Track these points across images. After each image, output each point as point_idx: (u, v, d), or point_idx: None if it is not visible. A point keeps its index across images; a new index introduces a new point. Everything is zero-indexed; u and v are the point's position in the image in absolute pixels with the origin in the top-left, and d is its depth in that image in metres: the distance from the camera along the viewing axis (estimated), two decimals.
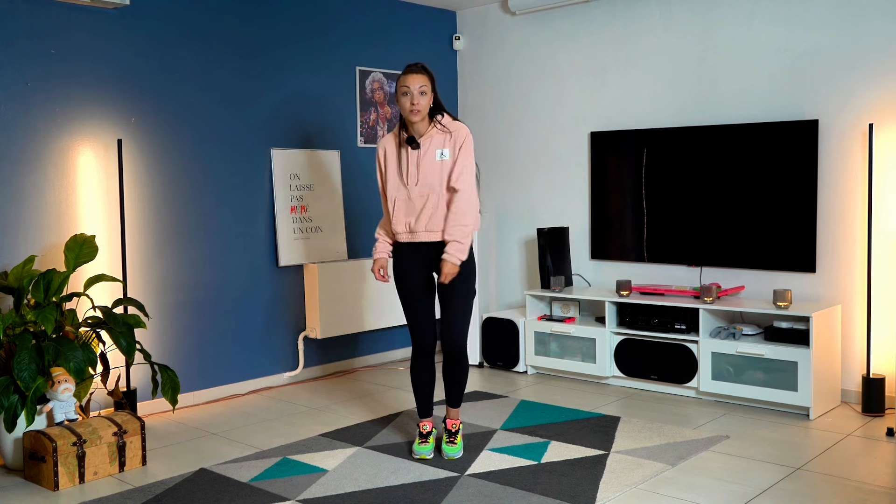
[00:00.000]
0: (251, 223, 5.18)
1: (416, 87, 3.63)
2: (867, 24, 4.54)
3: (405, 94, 3.64)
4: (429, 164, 3.70)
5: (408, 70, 3.69)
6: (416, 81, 3.64)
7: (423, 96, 3.65)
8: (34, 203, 4.28)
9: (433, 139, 3.71)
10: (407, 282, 3.82)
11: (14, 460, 3.82)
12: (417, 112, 3.65)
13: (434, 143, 3.71)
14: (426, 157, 3.71)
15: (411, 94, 3.63)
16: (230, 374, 5.11)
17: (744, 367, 4.59)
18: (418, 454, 3.86)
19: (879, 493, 3.36)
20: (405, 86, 3.64)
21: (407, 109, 3.65)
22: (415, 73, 3.66)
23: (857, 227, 4.63)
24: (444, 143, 3.71)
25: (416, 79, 3.65)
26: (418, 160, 3.71)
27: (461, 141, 3.72)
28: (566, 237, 5.68)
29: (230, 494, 3.46)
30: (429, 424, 3.92)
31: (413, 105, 3.63)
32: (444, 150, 3.71)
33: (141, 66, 4.65)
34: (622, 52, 5.53)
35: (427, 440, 3.90)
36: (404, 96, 3.65)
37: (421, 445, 3.88)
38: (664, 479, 3.53)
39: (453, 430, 3.88)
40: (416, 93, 3.63)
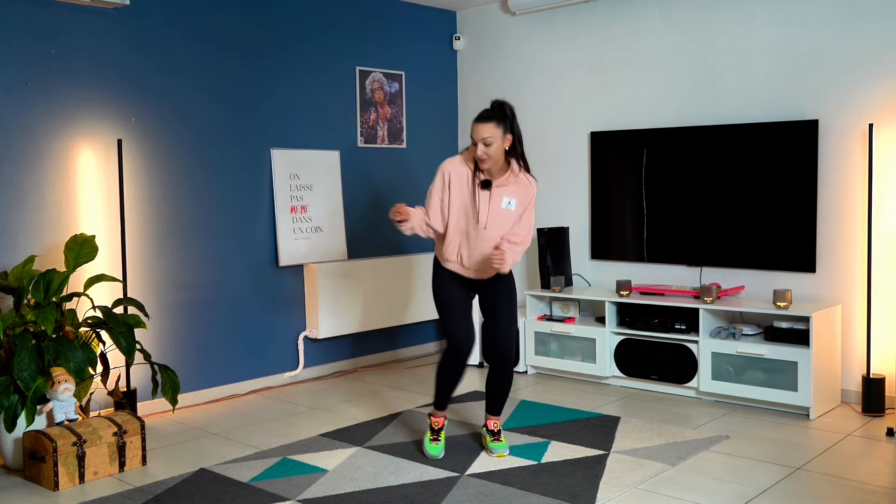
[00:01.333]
0: (251, 223, 5.18)
1: (482, 138, 3.58)
2: (867, 25, 4.54)
3: (475, 143, 3.61)
4: (495, 209, 3.69)
5: (478, 118, 3.63)
6: (482, 133, 3.58)
7: (490, 147, 3.59)
8: (34, 203, 4.28)
9: (506, 186, 3.69)
10: (450, 291, 3.82)
11: (14, 460, 3.82)
12: (485, 161, 3.62)
13: (506, 190, 3.70)
14: (494, 201, 3.69)
15: (479, 144, 3.60)
16: (230, 374, 5.11)
17: (744, 367, 4.59)
18: (431, 455, 3.85)
19: (879, 493, 3.36)
20: (472, 137, 3.61)
21: (477, 155, 3.61)
22: (482, 123, 3.60)
23: (857, 227, 4.63)
24: (514, 191, 3.70)
25: (483, 129, 3.58)
26: (489, 203, 3.68)
27: (530, 197, 3.73)
28: (566, 237, 5.68)
29: (230, 494, 3.46)
30: (441, 421, 3.92)
31: (479, 156, 3.60)
32: (512, 199, 3.70)
33: (141, 66, 4.65)
34: (622, 51, 5.53)
35: (439, 438, 3.90)
36: (474, 145, 3.62)
37: (433, 444, 3.88)
38: (664, 479, 3.53)
39: (496, 430, 3.91)
40: (480, 144, 3.59)
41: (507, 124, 3.63)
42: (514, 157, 3.70)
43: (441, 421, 3.92)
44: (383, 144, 5.95)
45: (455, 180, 3.72)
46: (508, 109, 3.65)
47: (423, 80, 6.19)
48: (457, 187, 3.72)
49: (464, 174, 3.72)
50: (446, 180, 3.73)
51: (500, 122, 3.61)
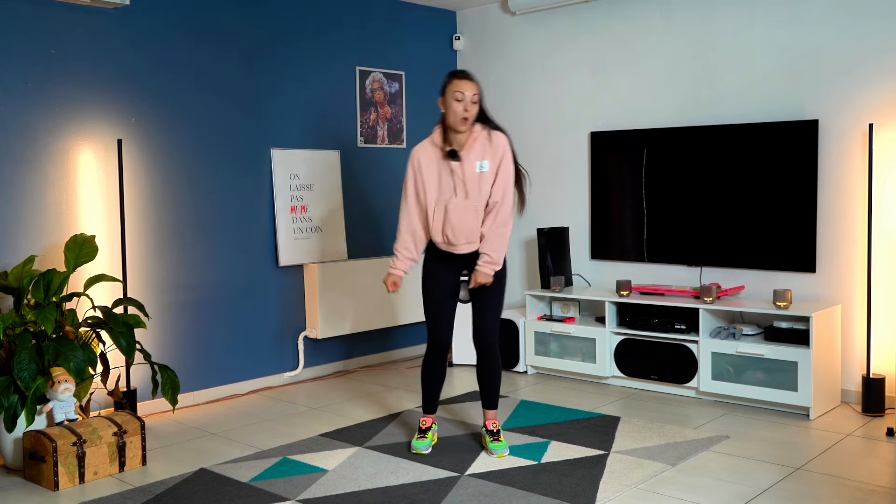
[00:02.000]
0: (251, 223, 5.18)
1: (470, 95, 3.62)
2: (867, 25, 4.54)
3: (459, 100, 3.61)
4: (470, 175, 3.70)
5: (461, 75, 3.67)
6: (470, 89, 3.62)
7: (474, 105, 3.64)
8: (34, 203, 4.28)
9: (473, 150, 3.70)
10: (436, 282, 3.85)
11: (14, 460, 3.82)
12: (467, 121, 3.63)
13: (474, 154, 3.70)
14: (467, 169, 3.69)
15: (465, 101, 3.61)
16: (230, 374, 5.11)
17: (744, 367, 4.59)
18: (415, 449, 3.89)
19: (879, 493, 3.36)
20: (460, 91, 3.60)
21: (460, 116, 3.61)
22: (469, 80, 3.64)
23: (857, 227, 4.63)
24: (483, 153, 3.70)
25: (471, 86, 3.63)
26: (462, 174, 3.69)
27: (501, 152, 3.72)
28: (566, 237, 5.68)
29: (230, 494, 3.46)
30: (429, 420, 3.96)
31: (466, 112, 3.61)
32: (483, 161, 3.70)
33: (141, 66, 4.65)
34: (622, 52, 5.53)
35: (425, 436, 3.93)
36: (458, 102, 3.61)
37: (419, 440, 3.92)
38: (664, 479, 3.53)
39: (495, 430, 3.92)
40: (469, 100, 3.62)
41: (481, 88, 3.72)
42: (480, 120, 3.75)
43: (429, 421, 3.97)
44: (383, 144, 5.95)
45: (425, 161, 3.75)
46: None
47: (423, 80, 6.19)
48: (428, 169, 3.75)
49: (432, 153, 3.76)
50: (416, 165, 3.77)
51: (479, 85, 3.70)
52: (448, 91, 3.65)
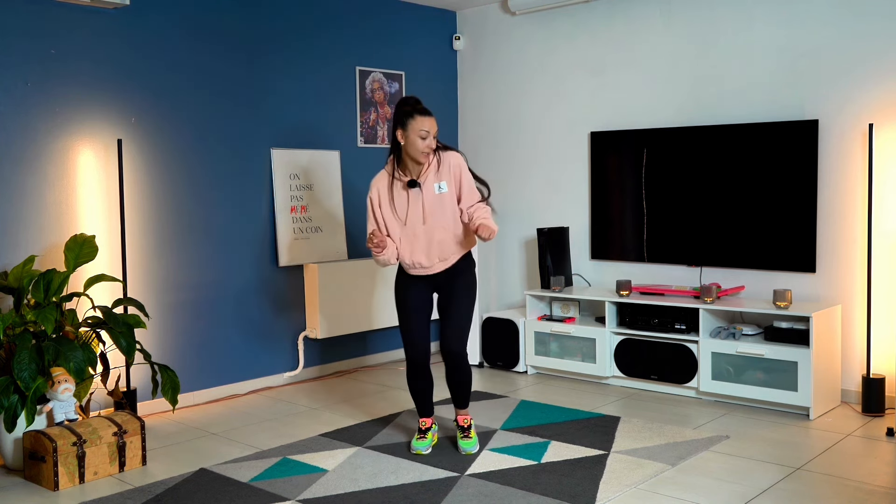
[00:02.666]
0: (251, 223, 5.18)
1: (434, 130, 3.67)
2: (867, 25, 4.54)
3: (423, 138, 3.65)
4: (430, 199, 3.73)
5: (423, 111, 3.69)
6: (433, 126, 3.68)
7: (435, 140, 3.70)
8: (34, 203, 4.28)
9: (428, 175, 3.74)
10: (409, 297, 3.88)
11: (14, 460, 3.82)
12: (429, 154, 3.70)
13: (430, 178, 3.74)
14: (427, 194, 3.73)
15: (429, 139, 3.66)
16: (230, 374, 5.11)
17: (744, 367, 4.59)
18: (415, 449, 3.90)
19: (879, 493, 3.36)
20: (425, 129, 3.65)
21: (422, 152, 3.66)
22: (431, 116, 3.69)
23: (857, 227, 4.63)
24: (439, 176, 3.75)
25: (433, 122, 3.68)
26: (422, 200, 3.73)
27: (456, 169, 3.77)
28: (566, 237, 5.68)
29: (230, 494, 3.46)
30: (428, 421, 3.98)
31: (429, 147, 3.66)
32: (440, 183, 3.74)
33: (141, 66, 4.65)
34: (622, 52, 5.53)
35: (425, 436, 3.94)
36: (422, 140, 3.65)
37: (419, 441, 3.93)
38: (664, 479, 3.53)
39: (465, 426, 3.93)
40: (432, 136, 3.67)
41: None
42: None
43: (428, 422, 3.97)
44: (383, 144, 5.95)
45: (384, 193, 3.79)
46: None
47: (423, 80, 6.19)
48: (386, 200, 3.78)
49: (389, 183, 3.79)
50: (377, 198, 3.80)
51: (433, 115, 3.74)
52: (411, 128, 3.66)
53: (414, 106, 3.71)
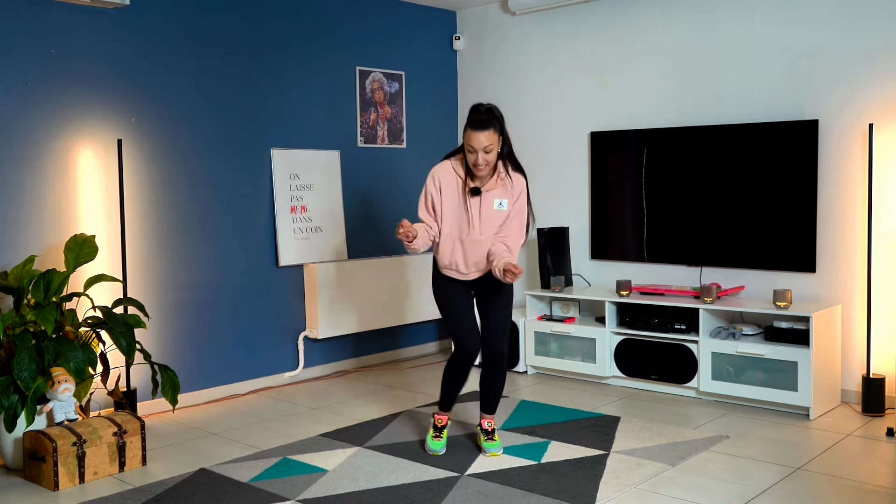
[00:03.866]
0: (251, 223, 5.18)
1: (482, 147, 3.55)
2: (867, 25, 4.54)
3: (471, 152, 3.57)
4: (487, 212, 3.70)
5: (475, 125, 3.56)
6: (482, 141, 3.54)
7: (489, 154, 3.58)
8: (34, 203, 4.28)
9: (494, 190, 3.70)
10: (452, 295, 3.83)
11: (14, 460, 3.81)
12: (482, 169, 3.62)
13: (494, 193, 3.70)
14: (486, 206, 3.70)
15: (476, 154, 3.57)
16: (230, 374, 5.11)
17: (744, 367, 4.59)
18: (431, 450, 3.87)
19: (879, 493, 3.36)
20: (471, 145, 3.56)
21: (472, 164, 3.60)
22: (482, 131, 3.54)
23: (857, 227, 4.63)
24: (503, 192, 3.71)
25: (483, 138, 3.54)
26: (480, 209, 3.70)
27: (518, 194, 3.73)
28: (566, 237, 5.68)
29: (230, 494, 3.46)
30: (445, 418, 3.94)
31: (477, 164, 3.59)
32: (503, 200, 3.71)
33: (141, 66, 4.65)
34: (622, 51, 5.53)
35: (441, 435, 3.92)
36: (470, 154, 3.58)
37: (435, 440, 3.90)
38: (664, 479, 3.53)
39: (490, 430, 3.92)
40: (481, 152, 3.57)
41: (500, 128, 3.63)
42: (501, 158, 3.70)
43: (445, 419, 3.95)
44: (383, 144, 5.95)
45: (446, 187, 3.73)
46: (498, 112, 3.65)
47: (423, 80, 6.19)
48: (448, 194, 3.73)
49: (454, 181, 3.73)
50: (438, 186, 3.73)
51: (496, 128, 3.59)
52: (465, 139, 3.61)
53: (472, 115, 3.61)
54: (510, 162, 3.74)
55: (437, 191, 3.73)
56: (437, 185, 3.73)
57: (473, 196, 3.69)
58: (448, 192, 3.73)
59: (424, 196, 3.78)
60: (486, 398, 3.93)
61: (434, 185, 3.74)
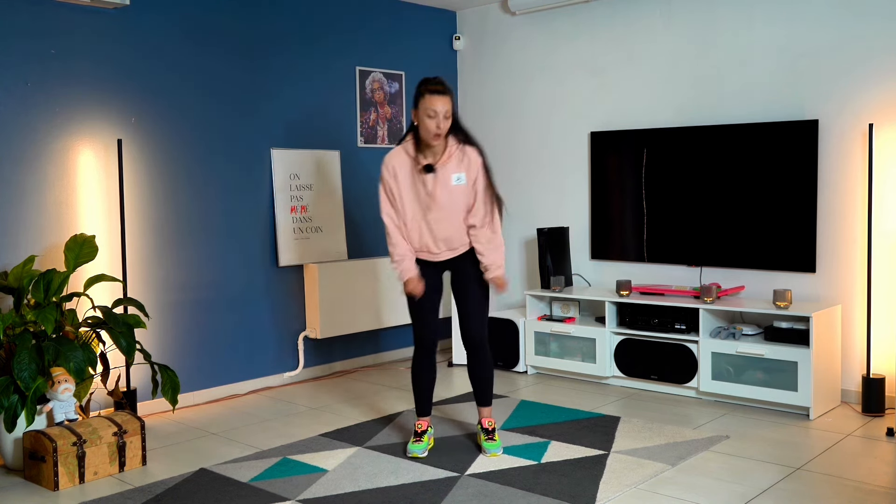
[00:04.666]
0: (251, 223, 5.18)
1: (443, 111, 3.56)
2: (867, 25, 4.54)
3: (432, 117, 3.55)
4: (445, 189, 3.69)
5: (433, 90, 3.57)
6: (443, 104, 3.56)
7: (447, 120, 3.59)
8: (34, 203, 4.29)
9: (448, 164, 3.68)
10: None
11: (14, 460, 3.82)
12: (439, 136, 3.60)
13: (449, 167, 3.68)
14: (442, 182, 3.68)
15: (437, 118, 3.56)
16: (230, 374, 5.11)
17: (744, 367, 4.59)
18: (411, 452, 3.88)
19: (879, 493, 3.35)
20: (433, 108, 3.54)
21: (432, 133, 3.57)
22: (441, 95, 3.56)
23: (857, 227, 4.63)
24: (458, 167, 3.69)
25: (443, 101, 3.56)
26: (435, 186, 3.68)
27: (475, 168, 3.70)
28: (566, 237, 5.68)
29: (230, 494, 3.46)
30: (424, 423, 3.96)
31: (439, 129, 3.57)
32: (459, 174, 3.69)
33: (141, 66, 4.66)
34: (622, 51, 5.53)
35: (421, 439, 3.92)
36: (431, 119, 3.56)
37: (414, 444, 3.90)
38: (664, 479, 3.53)
39: (490, 428, 3.92)
40: (442, 117, 3.56)
41: (454, 97, 3.66)
42: (453, 132, 3.70)
43: (424, 424, 3.95)
44: (383, 144, 5.95)
45: (401, 170, 3.72)
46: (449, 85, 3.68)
47: None
48: (404, 178, 3.71)
49: (407, 163, 3.71)
50: (393, 173, 3.72)
51: (452, 96, 3.63)
52: (421, 107, 3.59)
53: (426, 85, 3.60)
54: (461, 134, 3.72)
55: (392, 178, 3.72)
56: (392, 172, 3.72)
57: (427, 173, 3.67)
58: (403, 175, 3.71)
59: (383, 189, 3.75)
60: (476, 389, 3.93)
61: (389, 173, 3.73)
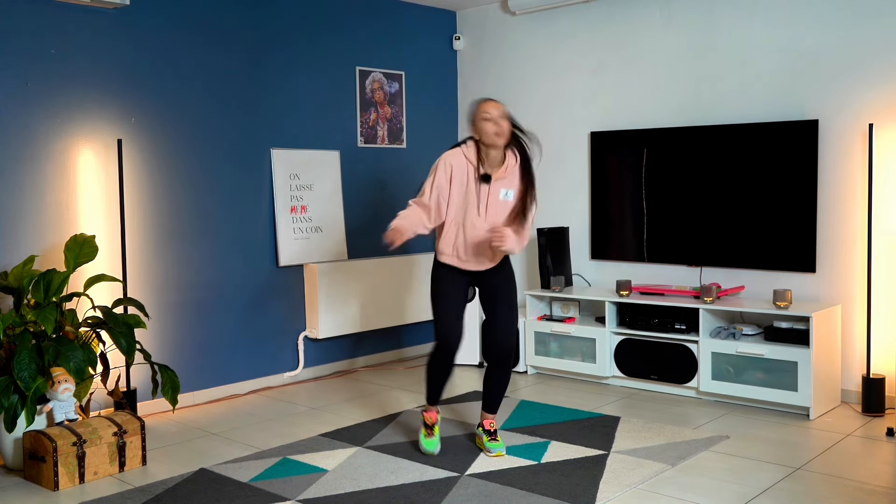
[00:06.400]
0: (251, 223, 5.18)
1: (499, 113, 3.66)
2: (867, 25, 4.54)
3: (488, 119, 3.65)
4: (494, 200, 3.72)
5: (484, 99, 3.74)
6: (497, 108, 3.67)
7: (504, 120, 3.67)
8: (34, 203, 4.28)
9: (504, 179, 3.73)
10: (446, 286, 3.83)
11: (14, 460, 3.82)
12: (502, 136, 3.66)
13: (504, 182, 3.73)
14: (493, 194, 3.72)
15: (494, 119, 3.64)
16: (230, 374, 5.11)
17: (744, 367, 4.59)
18: (426, 450, 3.87)
19: (879, 493, 3.36)
20: (488, 111, 3.65)
21: (492, 134, 3.65)
22: (494, 101, 3.71)
23: (857, 227, 4.63)
24: (511, 183, 3.74)
25: (498, 106, 3.68)
26: (488, 196, 3.72)
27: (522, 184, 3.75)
28: (566, 237, 5.68)
29: (230, 494, 3.46)
30: (434, 416, 3.94)
31: (498, 128, 3.64)
32: (509, 191, 3.73)
33: (141, 66, 4.65)
34: (622, 51, 5.53)
35: (433, 433, 3.91)
36: (487, 122, 3.65)
37: (428, 440, 3.89)
38: (664, 479, 3.53)
39: (492, 430, 3.92)
40: (498, 118, 3.65)
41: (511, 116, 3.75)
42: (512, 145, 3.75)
43: (434, 416, 3.94)
44: (383, 144, 5.95)
45: (457, 172, 3.75)
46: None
47: (423, 80, 6.19)
48: (458, 180, 3.75)
49: (465, 166, 3.75)
50: (449, 172, 3.75)
51: (506, 110, 3.72)
52: (477, 116, 3.70)
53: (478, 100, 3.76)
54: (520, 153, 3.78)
55: (446, 176, 3.75)
56: (449, 171, 3.75)
57: (483, 183, 3.72)
58: (458, 177, 3.75)
59: (433, 180, 3.78)
60: (488, 397, 3.92)
61: (445, 171, 3.76)
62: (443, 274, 3.85)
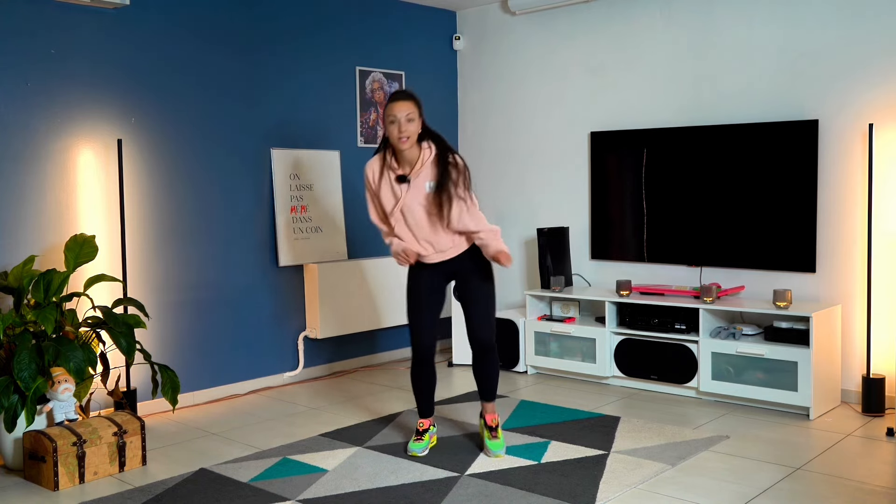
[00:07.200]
0: (251, 223, 5.18)
1: (404, 115, 3.63)
2: (867, 25, 4.54)
3: (392, 122, 3.64)
4: (418, 197, 3.72)
5: (393, 98, 3.69)
6: (402, 109, 3.63)
7: (411, 123, 3.65)
8: (34, 203, 4.28)
9: (421, 173, 3.71)
10: (417, 286, 3.88)
11: (14, 460, 3.82)
12: (406, 139, 3.65)
13: (422, 176, 3.72)
14: (415, 191, 3.71)
15: (398, 122, 3.63)
16: (230, 374, 5.11)
17: (744, 367, 4.59)
18: (411, 451, 3.89)
19: (879, 493, 3.36)
20: (392, 114, 3.64)
21: (395, 137, 3.65)
22: (401, 101, 3.66)
23: (857, 227, 4.63)
24: (431, 174, 3.72)
25: (403, 106, 3.64)
26: (407, 195, 3.72)
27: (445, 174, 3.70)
28: (566, 237, 5.68)
29: (230, 494, 3.46)
30: (426, 423, 3.97)
31: (401, 132, 3.63)
32: (431, 182, 3.71)
33: (141, 65, 4.66)
34: (622, 52, 5.53)
35: (422, 438, 3.93)
36: (392, 125, 3.64)
37: (415, 442, 3.92)
38: (664, 479, 3.53)
39: (493, 426, 3.91)
40: (403, 120, 3.63)
41: (419, 104, 3.71)
42: (427, 138, 3.74)
43: (426, 423, 3.96)
44: None
45: (379, 179, 3.79)
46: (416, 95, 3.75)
47: (423, 80, 6.19)
48: (384, 186, 3.78)
49: (384, 170, 3.78)
50: (373, 179, 3.81)
51: (416, 102, 3.69)
52: (384, 115, 3.69)
53: (390, 95, 3.73)
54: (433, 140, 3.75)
55: (372, 188, 3.83)
56: (373, 178, 3.81)
57: (401, 183, 3.73)
58: (383, 183, 3.78)
59: (367, 194, 3.86)
60: (481, 385, 3.94)
61: (369, 184, 3.84)
62: (414, 273, 3.91)
